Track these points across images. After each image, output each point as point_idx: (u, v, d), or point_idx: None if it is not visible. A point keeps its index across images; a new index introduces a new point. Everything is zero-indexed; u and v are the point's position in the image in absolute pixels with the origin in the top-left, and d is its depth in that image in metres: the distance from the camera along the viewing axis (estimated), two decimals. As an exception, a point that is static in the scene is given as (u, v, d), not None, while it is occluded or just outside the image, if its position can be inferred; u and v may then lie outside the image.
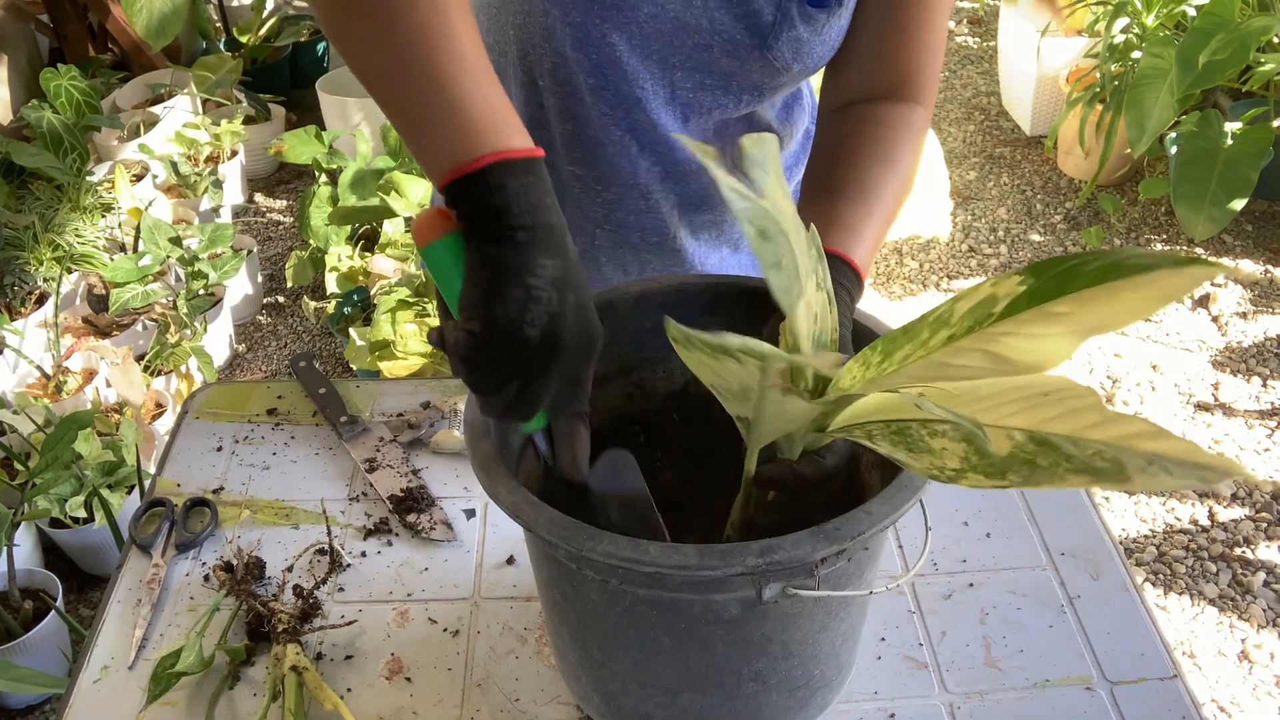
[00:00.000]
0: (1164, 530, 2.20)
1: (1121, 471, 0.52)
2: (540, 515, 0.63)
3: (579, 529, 0.62)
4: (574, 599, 0.71)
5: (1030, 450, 0.56)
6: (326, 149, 2.82)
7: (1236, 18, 2.44)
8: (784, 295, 0.58)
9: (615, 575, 0.65)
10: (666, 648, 0.69)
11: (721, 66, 0.89)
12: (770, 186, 0.59)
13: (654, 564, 0.60)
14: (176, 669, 0.83)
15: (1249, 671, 1.92)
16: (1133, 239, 3.02)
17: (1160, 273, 0.50)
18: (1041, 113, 3.42)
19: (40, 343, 2.40)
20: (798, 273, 0.60)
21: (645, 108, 0.91)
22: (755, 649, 0.69)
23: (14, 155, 2.56)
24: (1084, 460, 0.54)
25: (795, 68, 0.89)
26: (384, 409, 1.12)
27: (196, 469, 1.06)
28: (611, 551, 0.61)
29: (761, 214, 0.56)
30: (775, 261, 0.57)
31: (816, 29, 0.87)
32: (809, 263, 0.64)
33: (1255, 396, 2.50)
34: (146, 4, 2.94)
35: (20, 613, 1.83)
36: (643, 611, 0.67)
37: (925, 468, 0.58)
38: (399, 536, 0.98)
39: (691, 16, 0.86)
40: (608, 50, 0.88)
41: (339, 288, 2.60)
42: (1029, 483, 0.55)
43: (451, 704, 0.84)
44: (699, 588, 0.64)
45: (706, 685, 0.72)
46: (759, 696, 0.73)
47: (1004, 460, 0.56)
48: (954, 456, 0.58)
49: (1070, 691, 0.84)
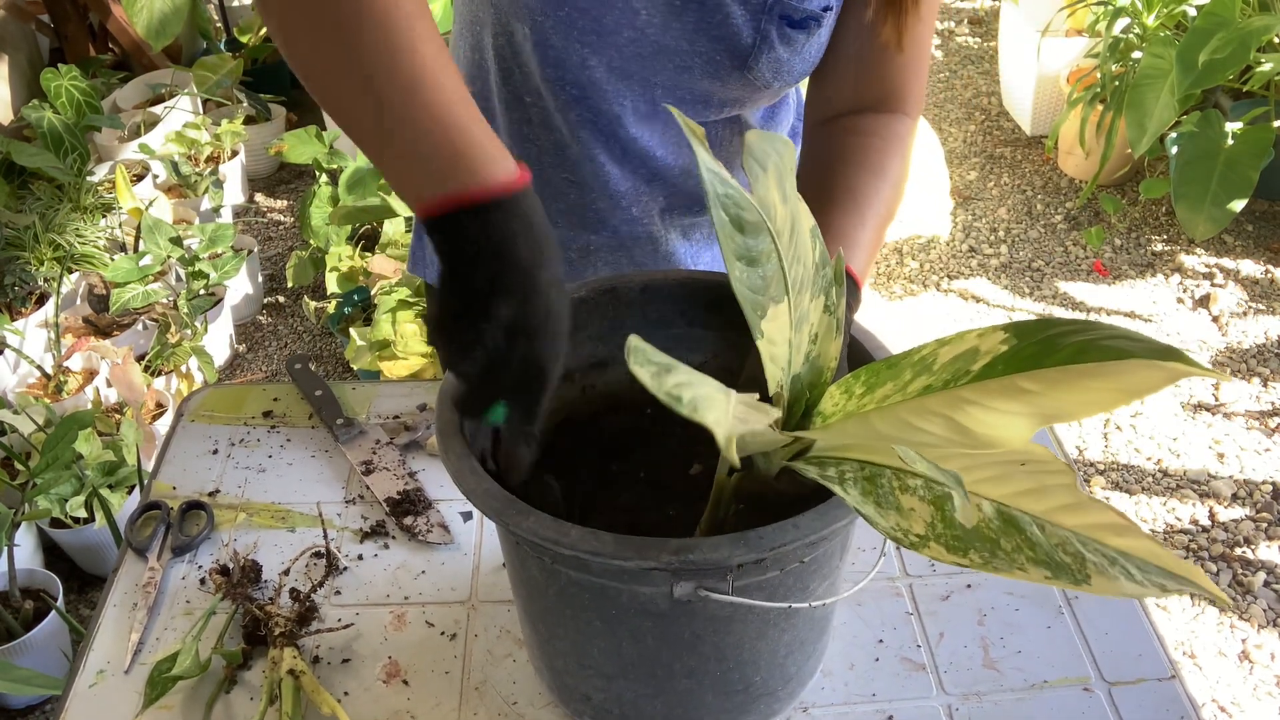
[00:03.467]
0: (1164, 530, 2.19)
1: (1082, 570, 0.51)
2: (479, 485, 0.65)
3: (509, 503, 0.63)
4: (521, 572, 0.72)
5: (996, 528, 0.54)
6: (327, 149, 2.82)
7: (1237, 17, 2.44)
8: (751, 299, 0.57)
9: (546, 554, 0.66)
10: (600, 632, 0.70)
11: (702, 86, 0.90)
12: (766, 184, 0.58)
13: (571, 547, 0.61)
14: (173, 673, 0.83)
15: (1249, 672, 1.92)
16: (1133, 239, 3.02)
17: (1132, 364, 0.49)
18: (1042, 113, 3.41)
19: (41, 343, 2.40)
20: (783, 279, 0.59)
21: (624, 124, 0.92)
22: (685, 646, 0.70)
23: (14, 155, 2.57)
24: (1047, 550, 0.52)
25: (775, 85, 0.90)
26: (380, 411, 1.12)
27: (192, 472, 1.06)
28: (534, 529, 0.62)
29: (738, 202, 0.56)
30: (745, 255, 0.57)
31: (796, 49, 0.87)
32: (806, 274, 0.63)
33: (1255, 397, 2.49)
34: (147, 4, 2.94)
35: (21, 613, 1.83)
36: (576, 593, 0.68)
37: (890, 527, 0.57)
38: (396, 539, 0.98)
39: (671, 40, 0.86)
40: (587, 73, 0.88)
41: (339, 288, 2.60)
42: (988, 566, 0.53)
43: (449, 707, 0.84)
44: (622, 577, 0.65)
45: (639, 674, 0.72)
46: (693, 694, 0.73)
47: (969, 534, 0.54)
48: (920, 521, 0.56)
49: (1068, 692, 0.84)
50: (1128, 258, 2.96)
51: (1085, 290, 2.87)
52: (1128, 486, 2.29)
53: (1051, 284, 2.89)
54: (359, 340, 2.33)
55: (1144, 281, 2.88)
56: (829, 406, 0.63)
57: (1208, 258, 2.94)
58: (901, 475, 0.58)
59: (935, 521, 0.55)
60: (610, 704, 0.76)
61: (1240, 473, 2.31)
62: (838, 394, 0.63)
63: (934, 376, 0.57)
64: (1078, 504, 0.53)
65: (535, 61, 0.88)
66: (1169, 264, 2.93)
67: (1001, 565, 0.53)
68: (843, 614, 0.91)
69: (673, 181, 0.97)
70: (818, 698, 0.84)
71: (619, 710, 0.77)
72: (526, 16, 0.85)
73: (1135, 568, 0.50)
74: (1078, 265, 2.95)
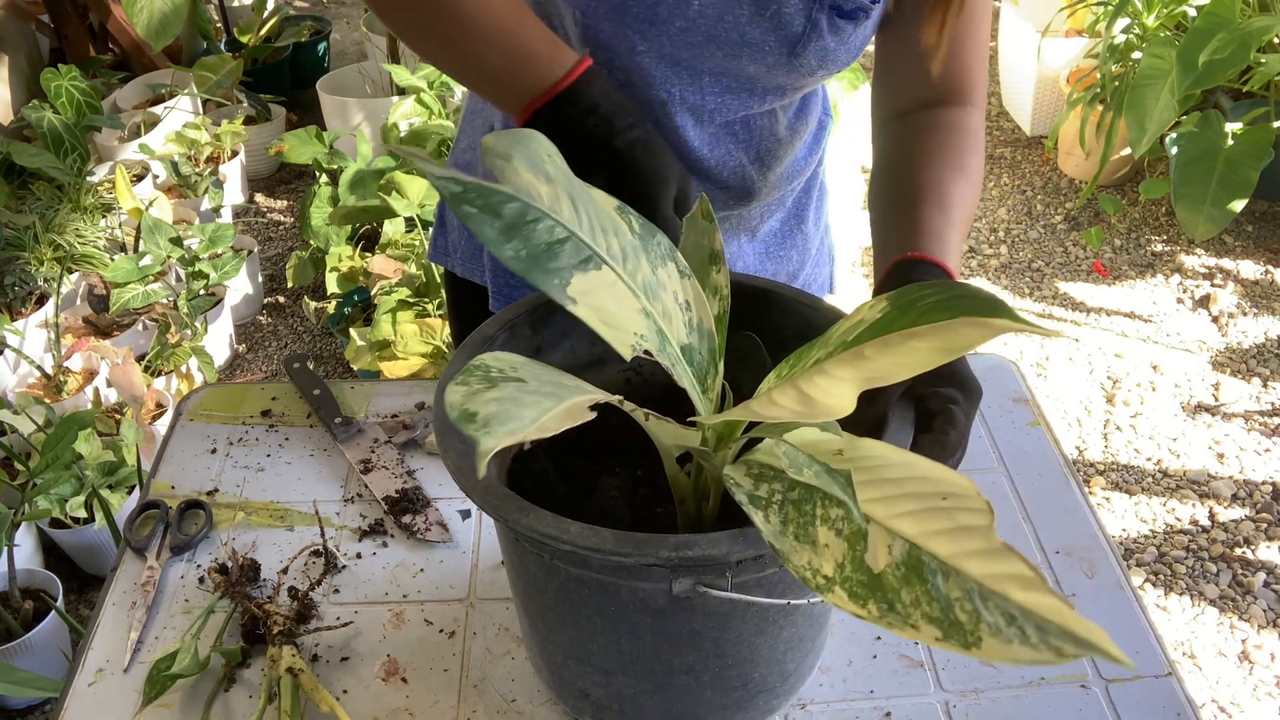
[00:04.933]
0: (1164, 530, 2.19)
1: (975, 632, 0.48)
2: (479, 485, 0.64)
3: (508, 500, 0.63)
4: (519, 568, 0.72)
5: (900, 575, 0.51)
6: (327, 149, 2.82)
7: (1237, 18, 2.44)
8: (539, 272, 0.58)
9: (545, 550, 0.66)
10: (599, 628, 0.70)
11: (748, 72, 0.91)
12: (515, 170, 0.59)
13: (570, 542, 0.61)
14: (172, 671, 0.83)
15: (1249, 672, 1.92)
16: (1133, 239, 3.02)
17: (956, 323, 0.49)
18: (1042, 113, 3.41)
19: (40, 343, 2.40)
20: (585, 247, 0.60)
21: (668, 111, 0.93)
22: (684, 642, 0.70)
23: (15, 155, 2.57)
24: (944, 606, 0.49)
25: (819, 73, 0.91)
26: (379, 410, 1.12)
27: (191, 471, 1.06)
28: (534, 526, 0.62)
29: (478, 189, 0.56)
30: (505, 231, 0.57)
31: (843, 39, 0.89)
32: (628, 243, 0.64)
33: (1255, 397, 2.49)
34: (147, 4, 2.94)
35: (21, 613, 1.83)
36: (575, 589, 0.68)
37: (801, 565, 0.54)
38: (394, 538, 0.98)
39: (723, 29, 0.87)
40: (635, 59, 0.89)
41: (339, 288, 2.61)
42: (882, 621, 0.50)
43: (448, 705, 0.84)
44: (622, 573, 0.65)
45: (638, 670, 0.72)
46: (692, 690, 0.73)
47: (873, 580, 0.52)
48: (831, 561, 0.53)
49: (1065, 689, 0.84)
50: (1128, 258, 2.97)
51: (1085, 290, 2.87)
52: (1128, 487, 2.29)
53: (1051, 284, 2.89)
54: (359, 340, 2.33)
55: (1144, 282, 2.88)
56: (765, 386, 0.63)
57: (1208, 258, 2.94)
58: (826, 502, 0.55)
59: (845, 563, 0.53)
60: (609, 700, 0.76)
61: (1240, 473, 2.31)
62: (773, 375, 0.63)
63: (829, 348, 0.57)
64: (989, 550, 0.50)
65: (581, 46, 0.89)
66: (1169, 264, 2.93)
67: (895, 621, 0.50)
68: (841, 611, 0.91)
69: (706, 173, 0.97)
70: (816, 695, 0.84)
71: (618, 706, 0.77)
72: (579, 1, 0.86)
73: (1034, 628, 0.46)
74: (1078, 265, 2.95)
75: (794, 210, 1.11)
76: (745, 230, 1.07)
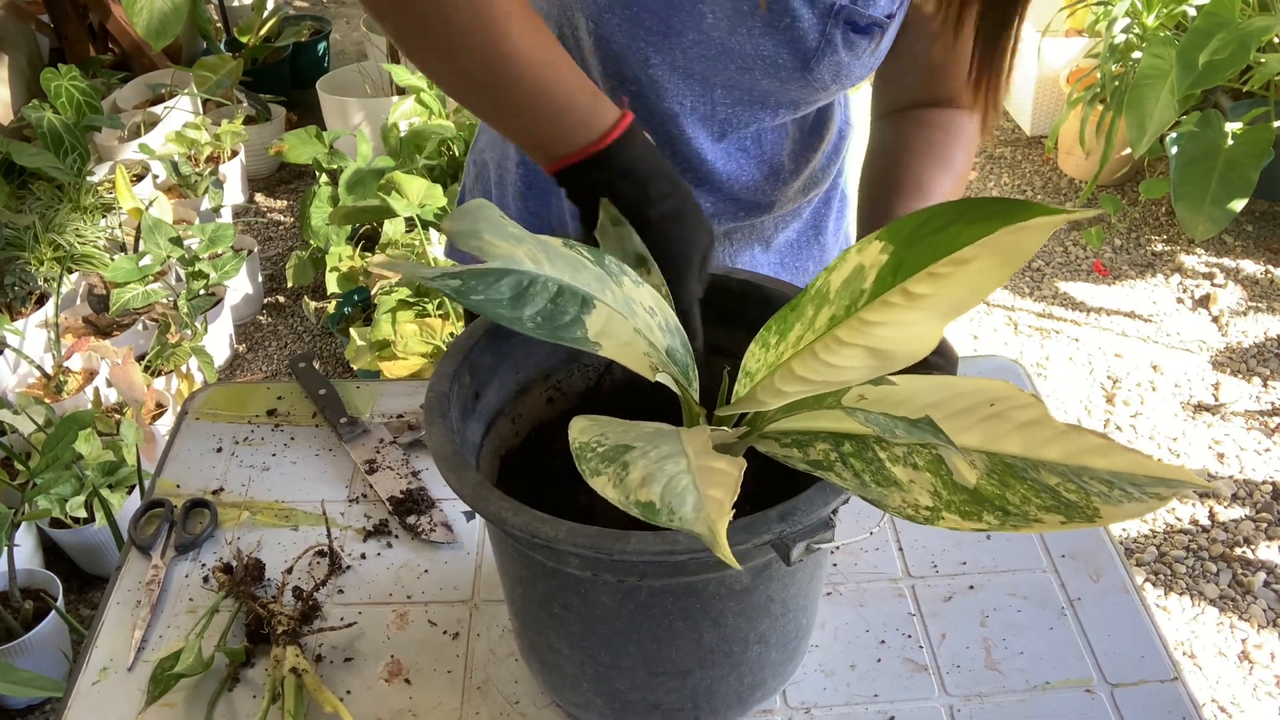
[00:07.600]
0: (1164, 530, 2.20)
1: (1089, 505, 0.50)
2: (559, 529, 0.62)
3: (603, 535, 0.61)
4: (579, 608, 0.70)
5: (995, 483, 0.52)
6: (327, 149, 2.82)
7: (1237, 18, 2.44)
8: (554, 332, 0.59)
9: (635, 572, 0.65)
10: (680, 632, 0.70)
11: (762, 86, 0.90)
12: (491, 242, 0.60)
13: (686, 551, 0.60)
14: (176, 670, 0.83)
15: (1249, 672, 1.92)
16: (1133, 239, 3.02)
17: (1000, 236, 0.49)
18: (1042, 113, 3.41)
19: (40, 343, 2.40)
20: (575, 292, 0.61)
21: (680, 123, 0.92)
22: (760, 612, 0.71)
23: (14, 155, 2.56)
24: (1052, 495, 0.51)
25: (833, 87, 0.90)
26: (384, 410, 1.12)
27: (196, 470, 1.06)
28: (641, 549, 0.60)
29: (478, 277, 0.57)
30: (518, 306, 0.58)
31: (857, 54, 0.88)
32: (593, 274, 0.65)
33: (1255, 397, 2.50)
34: (147, 4, 2.94)
35: (21, 613, 1.83)
36: (658, 602, 0.67)
37: (899, 505, 0.54)
38: (399, 538, 0.98)
39: (736, 43, 0.86)
40: (648, 71, 0.88)
41: (339, 288, 2.60)
42: (1004, 527, 0.51)
43: (451, 706, 0.84)
44: (719, 565, 0.63)
45: (716, 658, 0.72)
46: (761, 658, 0.75)
47: (974, 495, 0.53)
48: (924, 491, 0.54)
49: (1070, 694, 0.84)
50: (1128, 258, 2.97)
51: (1085, 290, 2.87)
52: (1128, 487, 2.29)
53: (1051, 284, 2.89)
54: (359, 340, 2.33)
55: (1144, 281, 2.88)
56: (752, 364, 0.63)
57: (1208, 258, 2.94)
58: (884, 443, 0.56)
59: (938, 489, 0.53)
60: (681, 702, 0.76)
61: (1240, 473, 2.31)
62: (757, 349, 0.62)
63: (834, 305, 0.57)
64: (1057, 434, 0.52)
65: (595, 57, 0.89)
66: (1169, 264, 2.93)
67: (1018, 523, 0.51)
68: (845, 615, 0.91)
69: (719, 185, 0.97)
70: (820, 699, 0.84)
71: (692, 704, 0.76)
72: (592, 12, 0.86)
73: (1131, 485, 0.49)
74: (1078, 265, 2.95)
75: (811, 221, 1.11)
76: (759, 241, 1.07)
